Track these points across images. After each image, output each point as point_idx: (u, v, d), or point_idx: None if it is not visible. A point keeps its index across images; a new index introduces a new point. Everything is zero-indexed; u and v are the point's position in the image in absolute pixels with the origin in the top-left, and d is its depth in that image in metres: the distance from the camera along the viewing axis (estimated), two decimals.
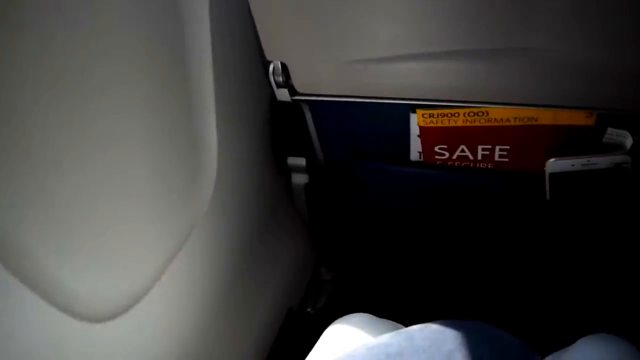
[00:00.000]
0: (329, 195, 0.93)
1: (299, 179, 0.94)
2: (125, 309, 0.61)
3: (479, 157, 0.74)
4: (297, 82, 0.70)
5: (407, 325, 0.65)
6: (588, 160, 0.68)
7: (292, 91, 0.73)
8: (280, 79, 0.71)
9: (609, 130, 0.67)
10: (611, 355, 0.57)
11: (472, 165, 0.76)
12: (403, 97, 0.68)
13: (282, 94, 0.73)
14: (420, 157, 0.78)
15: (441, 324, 0.42)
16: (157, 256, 0.67)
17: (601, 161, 0.68)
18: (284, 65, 0.70)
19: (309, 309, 1.06)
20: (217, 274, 0.81)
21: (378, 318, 0.66)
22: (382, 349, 0.39)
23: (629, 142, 0.67)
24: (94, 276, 0.57)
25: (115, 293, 0.61)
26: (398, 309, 1.12)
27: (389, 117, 0.76)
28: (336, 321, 0.66)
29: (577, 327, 0.65)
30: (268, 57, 0.69)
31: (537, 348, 0.49)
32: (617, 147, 0.69)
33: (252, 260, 0.91)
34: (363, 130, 0.79)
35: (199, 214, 0.76)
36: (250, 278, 0.91)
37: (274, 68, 0.71)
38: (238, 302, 0.88)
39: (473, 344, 0.39)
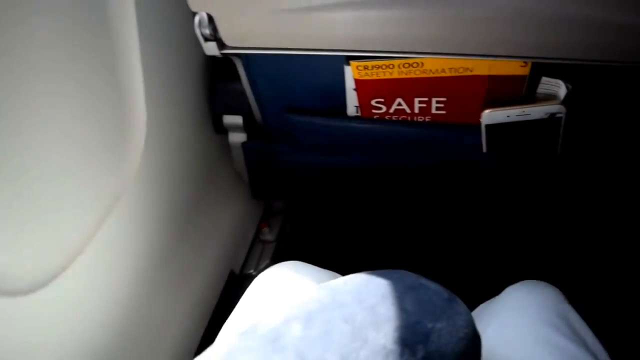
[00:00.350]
0: (267, 154, 0.90)
1: (236, 137, 0.91)
2: (47, 281, 0.59)
3: (416, 110, 0.73)
4: (225, 35, 0.66)
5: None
6: (523, 111, 0.68)
7: (221, 44, 0.68)
8: (207, 31, 0.66)
9: (544, 79, 0.67)
10: (537, 299, 0.58)
11: (409, 118, 0.75)
12: (336, 48, 0.65)
13: (210, 48, 0.69)
14: (357, 112, 0.76)
15: (365, 275, 0.40)
16: (82, 224, 0.64)
17: (535, 111, 0.68)
18: (210, 17, 0.65)
19: (251, 271, 1.05)
20: (150, 240, 0.78)
21: (309, 265, 0.65)
22: (304, 306, 0.38)
23: (562, 91, 0.67)
24: (11, 248, 0.54)
25: (36, 265, 0.58)
26: (342, 266, 1.13)
27: (325, 71, 0.73)
28: (267, 270, 0.65)
29: (506, 278, 0.66)
30: (192, 7, 0.64)
31: (467, 300, 0.49)
32: (551, 98, 0.69)
33: (189, 223, 0.89)
34: (299, 85, 0.77)
35: (127, 178, 0.72)
36: (187, 242, 0.89)
37: (199, 20, 0.66)
38: (175, 268, 0.85)
39: (397, 296, 0.38)
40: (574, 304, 0.59)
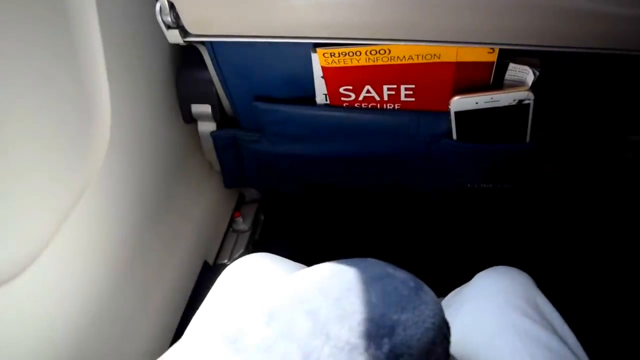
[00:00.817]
0: (237, 143, 0.89)
1: (206, 127, 0.89)
2: (13, 275, 0.57)
3: (386, 98, 0.72)
4: (188, 22, 0.65)
5: None
6: (491, 98, 0.68)
7: (184, 32, 0.67)
8: (169, 18, 0.65)
9: (511, 66, 0.66)
10: (506, 285, 0.58)
11: (379, 106, 0.74)
12: (302, 35, 0.64)
13: (173, 36, 0.67)
14: (326, 100, 0.75)
15: (330, 266, 0.40)
16: (46, 218, 0.63)
17: (503, 98, 0.67)
18: (171, 4, 0.63)
19: (225, 261, 1.04)
20: (120, 232, 0.77)
21: (280, 257, 0.64)
22: (266, 302, 0.37)
23: (529, 78, 0.67)
24: None
25: (1, 259, 0.56)
26: (316, 254, 1.13)
27: (292, 58, 0.72)
28: (235, 262, 0.64)
29: (477, 264, 0.66)
30: None
31: (440, 286, 0.49)
32: (519, 84, 0.69)
33: (160, 214, 0.87)
34: (267, 73, 0.75)
35: (94, 169, 0.71)
36: (159, 233, 0.88)
37: (160, 7, 0.64)
38: (147, 260, 0.84)
39: (362, 287, 0.37)
40: (544, 289, 0.60)
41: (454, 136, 0.73)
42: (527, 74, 0.66)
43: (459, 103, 0.69)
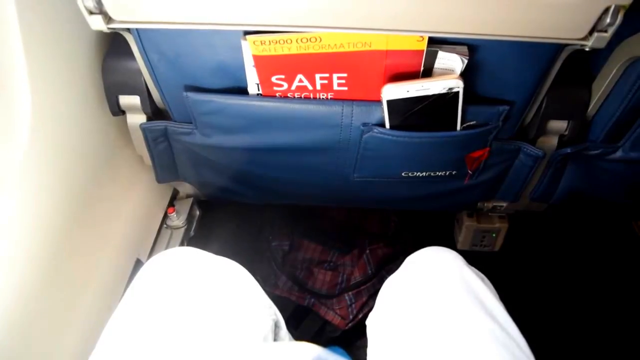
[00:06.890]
0: (168, 135, 0.86)
1: (135, 119, 0.86)
2: None
3: (318, 87, 0.72)
4: (111, 7, 0.62)
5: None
6: (422, 85, 0.68)
7: (107, 18, 0.63)
8: (90, 3, 0.61)
9: (440, 54, 0.67)
10: (435, 267, 0.59)
11: (312, 95, 0.73)
12: (231, 22, 0.62)
13: (96, 22, 0.64)
14: (259, 89, 0.73)
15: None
16: None
17: (434, 85, 0.68)
18: None
19: None
20: (44, 231, 0.73)
21: (202, 252, 0.63)
22: None
23: (458, 66, 0.68)
24: None
25: None
26: (251, 250, 1.11)
27: (223, 47, 0.70)
28: (154, 258, 0.62)
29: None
30: None
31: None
32: (449, 72, 0.70)
33: (87, 212, 0.84)
34: (198, 62, 0.73)
35: (11, 165, 0.67)
36: (87, 232, 0.84)
37: None
38: (76, 260, 0.81)
39: None
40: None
41: (387, 125, 0.74)
42: (456, 62, 0.67)
43: (390, 91, 0.69)
